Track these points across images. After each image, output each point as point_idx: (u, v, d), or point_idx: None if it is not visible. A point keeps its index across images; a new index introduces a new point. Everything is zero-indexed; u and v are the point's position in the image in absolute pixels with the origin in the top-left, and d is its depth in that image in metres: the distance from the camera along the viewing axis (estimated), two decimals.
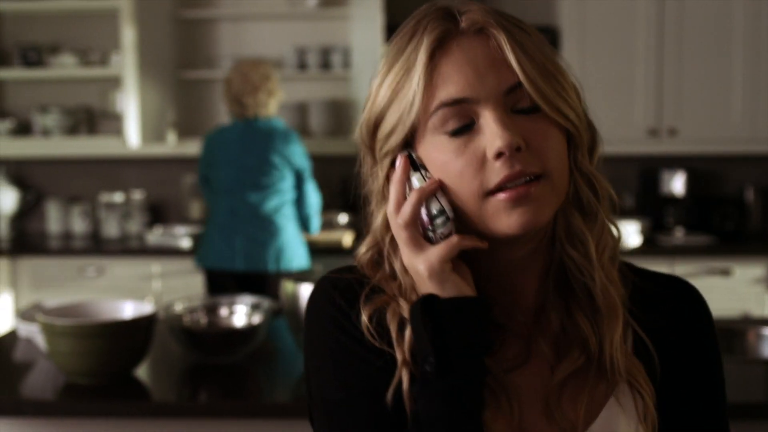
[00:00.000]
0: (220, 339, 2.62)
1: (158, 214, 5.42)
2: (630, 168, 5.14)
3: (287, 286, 2.54)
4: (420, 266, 1.01)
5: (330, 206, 5.30)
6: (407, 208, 1.02)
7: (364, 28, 4.97)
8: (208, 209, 4.39)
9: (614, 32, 4.80)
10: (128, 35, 4.94)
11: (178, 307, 2.75)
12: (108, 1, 5.04)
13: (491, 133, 0.98)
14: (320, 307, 1.09)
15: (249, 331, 2.63)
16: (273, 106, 4.20)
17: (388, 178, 1.07)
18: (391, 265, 1.09)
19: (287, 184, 4.16)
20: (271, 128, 4.15)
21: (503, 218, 0.99)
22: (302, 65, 5.19)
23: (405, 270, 1.06)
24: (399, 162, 1.04)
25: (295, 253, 4.20)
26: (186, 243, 4.86)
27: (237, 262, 4.14)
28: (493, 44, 1.00)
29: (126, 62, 4.94)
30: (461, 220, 1.02)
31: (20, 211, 5.40)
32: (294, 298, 2.51)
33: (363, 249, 1.12)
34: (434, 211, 1.02)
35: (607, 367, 1.05)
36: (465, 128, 1.00)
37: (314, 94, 5.28)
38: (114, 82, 5.16)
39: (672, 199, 5.05)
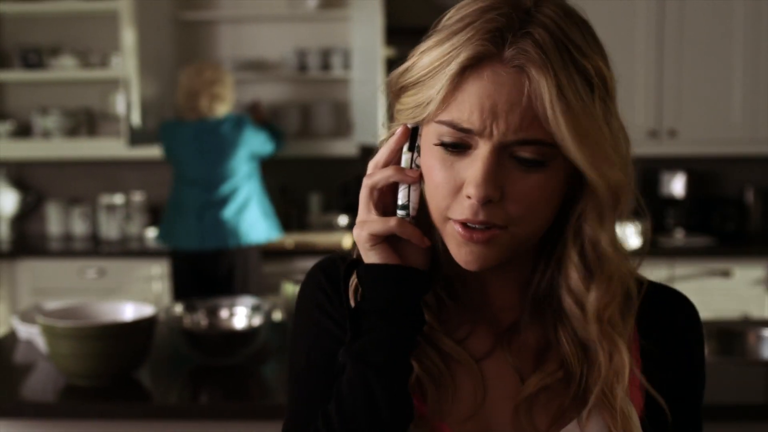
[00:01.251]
0: (221, 340, 2.62)
1: (158, 215, 5.42)
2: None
3: (287, 287, 2.55)
4: (354, 230, 1.03)
5: (330, 208, 5.31)
6: (378, 175, 1.03)
7: (364, 30, 4.98)
8: (171, 190, 4.56)
9: (614, 33, 4.80)
10: (128, 37, 4.94)
11: (179, 309, 2.75)
12: (108, 3, 5.04)
13: (472, 175, 0.95)
14: (307, 289, 1.13)
15: (249, 332, 2.63)
16: (222, 110, 4.39)
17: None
18: None
19: (245, 169, 4.40)
20: (222, 122, 4.35)
21: (454, 248, 1.00)
22: (303, 67, 5.19)
23: None
24: (399, 130, 1.04)
25: (255, 227, 4.38)
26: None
27: (199, 242, 4.33)
28: (528, 88, 0.93)
29: (126, 63, 4.93)
30: (425, 220, 1.03)
31: (20, 212, 5.40)
32: (294, 298, 2.51)
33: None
34: (400, 201, 1.02)
35: (587, 392, 1.04)
36: (459, 149, 0.97)
37: (315, 96, 5.28)
38: (114, 84, 5.16)
39: (672, 201, 5.05)
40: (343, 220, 5.12)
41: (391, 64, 5.01)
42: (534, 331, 1.07)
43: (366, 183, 1.03)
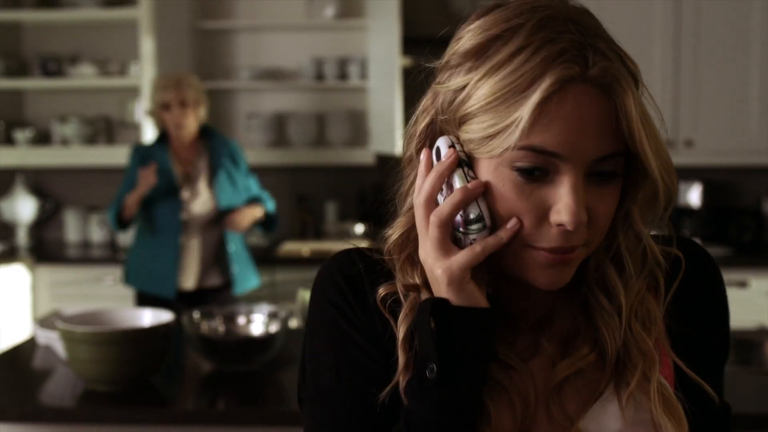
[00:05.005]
0: (238, 347, 2.64)
1: None
2: None
3: (303, 295, 2.56)
4: (438, 271, 0.97)
5: (347, 217, 5.32)
6: (446, 207, 0.96)
7: (381, 39, 4.99)
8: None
9: (630, 42, 4.77)
10: (147, 45, 4.98)
11: (197, 315, 2.77)
12: (127, 12, 5.08)
13: (563, 203, 0.92)
14: (324, 292, 1.07)
15: (266, 339, 2.64)
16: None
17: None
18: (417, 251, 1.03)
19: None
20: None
21: (536, 272, 0.97)
22: (320, 76, 5.21)
23: None
24: (448, 153, 0.98)
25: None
26: None
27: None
28: (612, 105, 0.91)
29: (144, 72, 4.97)
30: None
31: (39, 219, 5.43)
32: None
33: (393, 231, 1.06)
34: (471, 216, 0.96)
35: (622, 375, 1.03)
36: (537, 174, 0.93)
37: (331, 105, 5.30)
38: (133, 92, 5.19)
39: (688, 211, 5.04)
40: (359, 228, 5.13)
41: (408, 74, 5.04)
42: (563, 320, 1.06)
43: (434, 221, 0.96)
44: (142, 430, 2.42)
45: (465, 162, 0.98)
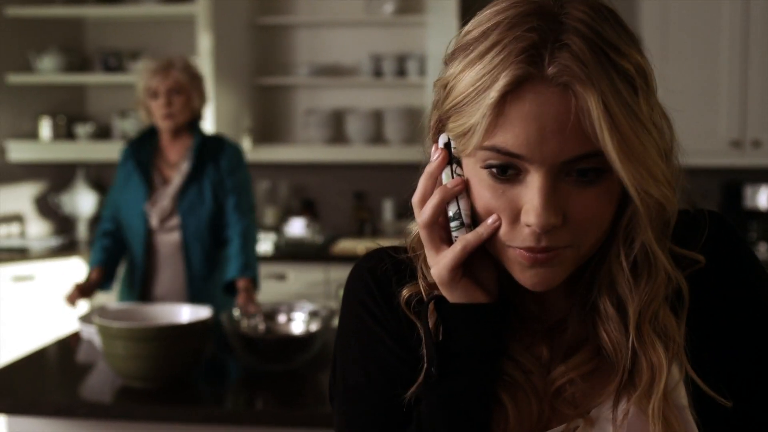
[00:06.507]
0: (278, 346, 2.60)
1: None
2: (712, 181, 4.99)
3: (340, 293, 2.51)
4: (432, 270, 0.98)
5: (404, 215, 5.27)
6: (428, 209, 0.97)
7: (440, 35, 4.92)
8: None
9: (697, 39, 4.67)
10: (205, 41, 4.99)
11: (237, 313, 2.73)
12: (186, 7, 5.09)
13: (530, 204, 0.91)
14: (354, 292, 1.08)
15: (307, 338, 2.60)
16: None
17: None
18: None
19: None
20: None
21: (518, 272, 0.95)
22: (378, 72, 5.16)
23: None
24: (437, 154, 0.98)
25: None
26: (261, 248, 4.85)
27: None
28: (574, 105, 0.88)
29: (202, 68, 4.97)
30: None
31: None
32: None
33: (414, 227, 1.06)
34: (450, 214, 0.97)
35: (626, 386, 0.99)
36: (509, 174, 0.92)
37: (389, 102, 5.25)
38: None
39: (756, 214, 4.89)
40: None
41: None
42: (574, 327, 1.03)
43: (419, 221, 0.98)
44: (177, 429, 2.39)
45: (455, 160, 0.98)
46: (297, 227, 4.97)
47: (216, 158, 3.45)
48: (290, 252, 4.88)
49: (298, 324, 2.77)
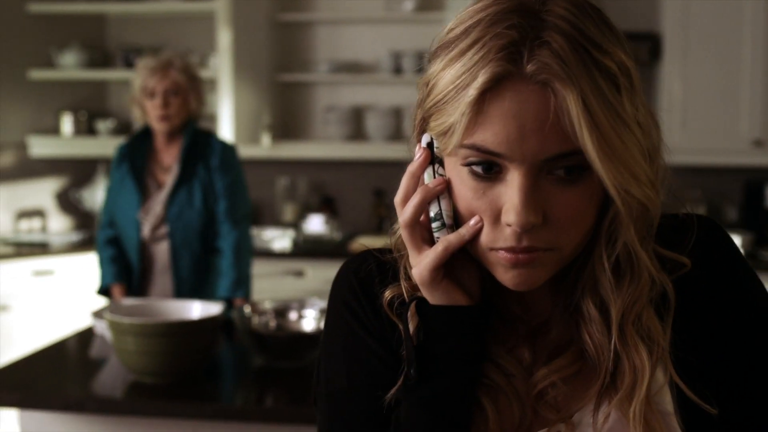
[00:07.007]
0: (288, 342, 2.60)
1: (258, 216, 5.45)
2: (734, 180, 4.94)
3: None
4: (413, 271, 0.98)
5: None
6: (409, 208, 0.97)
7: None
8: None
9: (719, 38, 4.62)
10: (224, 38, 4.99)
11: (248, 310, 2.73)
12: (207, 4, 5.10)
13: (510, 203, 0.90)
14: (338, 293, 1.08)
15: (317, 335, 2.59)
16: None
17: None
18: None
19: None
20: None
21: (500, 272, 0.94)
22: (398, 69, 5.15)
23: None
24: (419, 154, 0.98)
25: None
26: (279, 245, 4.86)
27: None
28: (554, 103, 0.87)
29: (222, 64, 4.98)
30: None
31: None
32: None
33: (398, 227, 1.04)
34: (431, 214, 0.97)
35: (608, 389, 0.97)
36: (490, 173, 0.91)
37: (409, 99, 5.23)
38: (212, 84, 5.21)
39: None
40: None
41: None
42: (558, 329, 1.02)
43: (401, 222, 0.98)
44: (188, 425, 2.39)
45: (438, 160, 0.97)
46: (316, 224, 4.97)
47: (205, 157, 3.37)
48: (308, 249, 4.88)
49: (309, 321, 2.77)
